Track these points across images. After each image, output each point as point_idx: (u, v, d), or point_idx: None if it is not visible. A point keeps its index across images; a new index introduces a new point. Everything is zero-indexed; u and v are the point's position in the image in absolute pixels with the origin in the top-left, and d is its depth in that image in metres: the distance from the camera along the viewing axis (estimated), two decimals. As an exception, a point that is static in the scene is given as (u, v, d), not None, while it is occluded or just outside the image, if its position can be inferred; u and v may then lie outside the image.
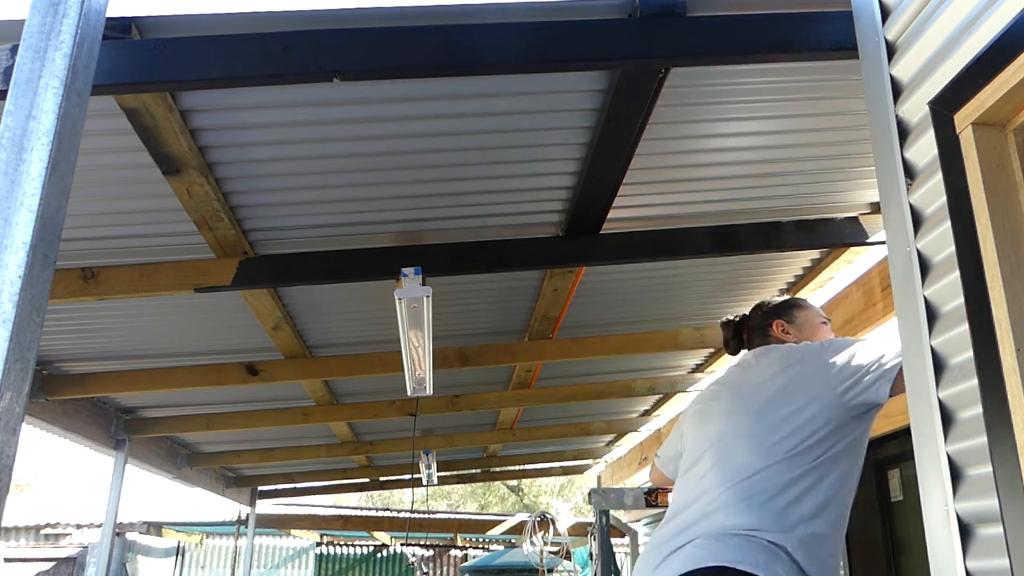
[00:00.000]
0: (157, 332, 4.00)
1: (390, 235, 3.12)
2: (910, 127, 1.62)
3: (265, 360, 4.43)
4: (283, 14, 1.94)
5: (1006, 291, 1.31)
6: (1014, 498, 1.25)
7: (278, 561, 13.74)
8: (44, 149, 1.27)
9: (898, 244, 1.62)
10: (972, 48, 1.44)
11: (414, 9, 1.99)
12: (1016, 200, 1.37)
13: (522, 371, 5.33)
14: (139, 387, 4.48)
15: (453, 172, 2.75)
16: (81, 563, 11.53)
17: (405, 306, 3.13)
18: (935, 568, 1.44)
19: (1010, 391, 1.28)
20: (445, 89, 2.30)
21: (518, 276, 3.71)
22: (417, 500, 12.13)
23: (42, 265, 1.23)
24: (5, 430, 1.13)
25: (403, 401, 5.64)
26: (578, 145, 2.63)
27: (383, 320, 3.99)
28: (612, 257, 3.20)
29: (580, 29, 1.98)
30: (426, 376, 4.08)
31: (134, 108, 2.11)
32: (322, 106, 2.33)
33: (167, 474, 6.72)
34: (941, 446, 1.44)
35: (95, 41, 1.43)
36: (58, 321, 3.69)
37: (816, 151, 2.87)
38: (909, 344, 1.56)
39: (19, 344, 1.16)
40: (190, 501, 13.97)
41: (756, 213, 3.24)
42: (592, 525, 8.65)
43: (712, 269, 3.87)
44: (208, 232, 2.84)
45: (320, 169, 2.64)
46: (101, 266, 3.03)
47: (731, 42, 2.01)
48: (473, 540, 14.28)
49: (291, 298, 3.70)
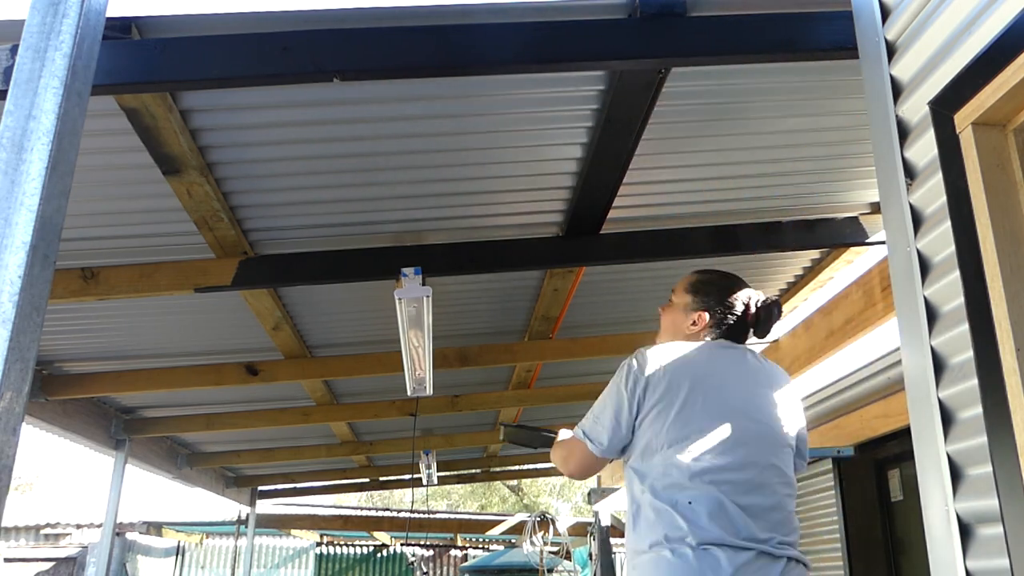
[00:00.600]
0: (157, 332, 3.99)
1: (390, 235, 3.12)
2: (910, 127, 1.62)
3: (265, 360, 4.43)
4: (282, 14, 1.94)
5: (1006, 291, 1.31)
6: (1014, 498, 1.25)
7: (278, 561, 13.74)
8: (44, 149, 1.27)
9: (898, 244, 1.62)
10: (972, 48, 1.44)
11: (413, 9, 1.99)
12: (1016, 200, 1.37)
13: (522, 371, 5.33)
14: (139, 387, 4.48)
15: (453, 172, 2.75)
16: (81, 563, 11.53)
17: (405, 306, 3.13)
18: (935, 568, 1.44)
19: (1010, 391, 1.28)
20: (445, 89, 2.30)
21: (518, 276, 3.71)
22: (417, 500, 12.13)
23: (42, 265, 1.23)
24: (5, 430, 1.13)
25: (403, 401, 5.64)
26: (578, 145, 2.63)
27: (383, 320, 3.99)
28: (612, 257, 3.20)
29: (580, 29, 1.98)
30: (426, 376, 4.07)
31: (134, 108, 2.11)
32: (321, 106, 2.33)
33: (167, 474, 6.71)
34: (941, 446, 1.44)
35: (95, 41, 1.43)
36: (58, 321, 3.69)
37: (816, 151, 2.87)
38: (909, 344, 1.56)
39: (19, 344, 1.16)
40: (190, 501, 13.95)
41: (756, 213, 3.24)
42: (592, 525, 8.65)
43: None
44: (208, 232, 2.84)
45: (320, 169, 2.64)
46: (101, 266, 3.03)
47: (731, 42, 2.01)
48: (473, 540, 14.28)
49: (291, 298, 3.70)
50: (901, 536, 4.37)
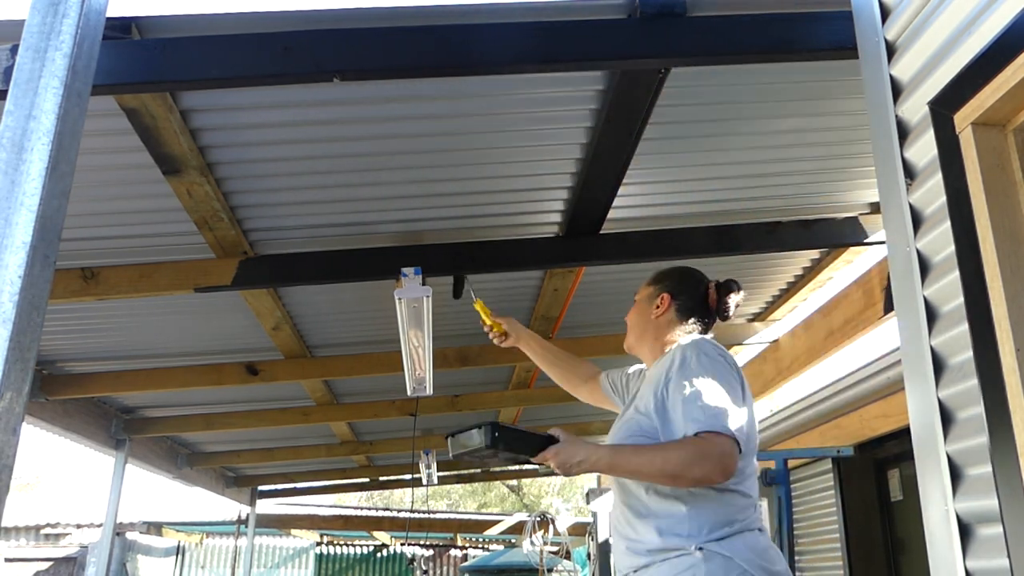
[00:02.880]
0: (157, 332, 3.99)
1: (390, 235, 3.12)
2: (910, 127, 1.62)
3: (265, 360, 4.43)
4: (283, 14, 1.94)
5: (1006, 291, 1.31)
6: (1014, 498, 1.25)
7: (278, 561, 13.74)
8: (44, 149, 1.27)
9: (898, 244, 1.62)
10: (972, 48, 1.44)
11: (414, 9, 1.99)
12: (1016, 200, 1.37)
13: (522, 371, 5.33)
14: (139, 387, 4.48)
15: (453, 172, 2.75)
16: (81, 563, 11.54)
17: (405, 306, 3.13)
18: (935, 568, 1.44)
19: (1010, 391, 1.28)
20: (445, 89, 2.30)
21: (518, 276, 3.71)
22: (417, 500, 12.13)
23: (42, 265, 1.23)
24: (5, 430, 1.13)
25: (403, 401, 5.64)
26: (578, 145, 2.62)
27: (383, 320, 3.98)
28: (612, 257, 3.20)
29: (580, 29, 1.98)
30: (426, 376, 4.07)
31: (134, 108, 2.11)
32: (322, 106, 2.32)
33: (167, 474, 6.71)
34: (941, 446, 1.44)
35: (95, 41, 1.43)
36: (58, 321, 3.69)
37: (816, 151, 2.87)
38: (909, 344, 1.56)
39: (19, 344, 1.16)
40: (190, 501, 13.94)
41: (756, 213, 3.24)
42: (591, 525, 8.64)
43: (712, 269, 3.86)
44: (208, 232, 2.84)
45: (320, 169, 2.64)
46: (101, 266, 3.03)
47: (731, 42, 2.01)
48: (473, 540, 14.28)
49: (291, 298, 3.70)
50: (901, 536, 4.37)
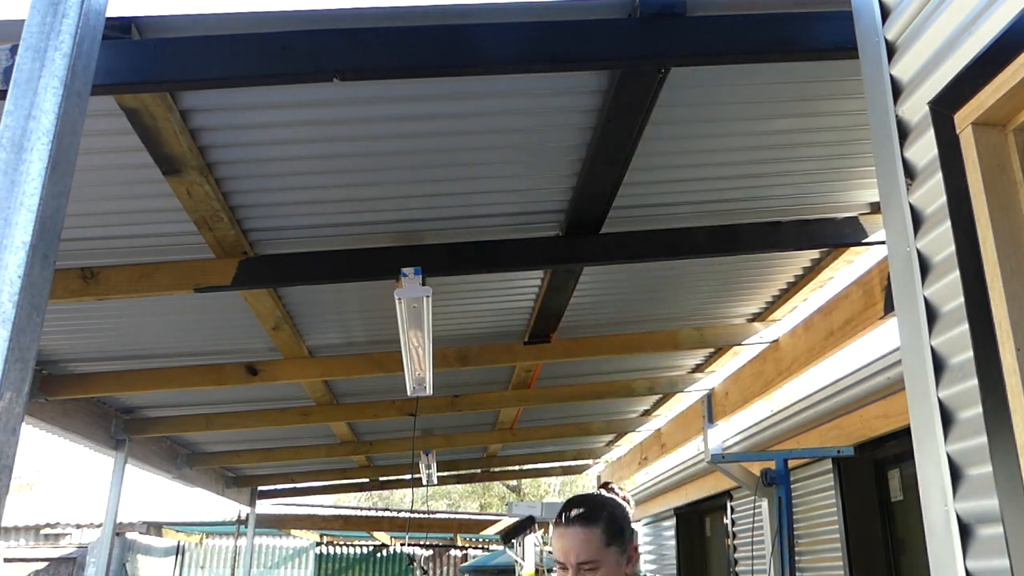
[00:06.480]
0: (157, 332, 3.99)
1: (390, 235, 3.12)
2: (910, 127, 1.62)
3: (265, 360, 4.43)
4: (283, 14, 1.94)
5: (1006, 291, 1.31)
6: (1014, 498, 1.25)
7: (278, 561, 13.75)
8: (44, 149, 1.27)
9: (898, 244, 1.62)
10: (972, 48, 1.44)
11: (414, 9, 1.99)
12: (1016, 200, 1.37)
13: (522, 371, 5.33)
14: (139, 387, 4.48)
15: (453, 172, 2.75)
16: (81, 563, 11.54)
17: (405, 306, 3.13)
18: (935, 568, 1.44)
19: (1010, 391, 1.28)
20: (445, 89, 2.30)
21: (518, 276, 3.71)
22: (417, 500, 12.13)
23: (42, 265, 1.23)
24: (5, 430, 1.13)
25: (403, 401, 5.64)
26: (578, 145, 2.63)
27: (383, 320, 3.99)
28: (612, 257, 3.20)
29: (580, 29, 1.98)
30: (426, 376, 4.07)
31: (134, 108, 2.11)
32: (322, 106, 2.33)
33: (167, 474, 6.72)
34: (941, 446, 1.44)
35: (95, 41, 1.43)
36: (58, 321, 3.69)
37: (816, 151, 2.87)
38: (909, 344, 1.56)
39: (19, 344, 1.16)
40: (190, 501, 13.96)
41: (756, 213, 3.24)
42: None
43: (712, 269, 3.87)
44: (208, 232, 2.84)
45: (320, 169, 2.64)
46: (101, 266, 3.03)
47: (731, 42, 2.01)
48: (473, 540, 14.29)
49: (291, 298, 3.70)
50: (901, 536, 4.37)
